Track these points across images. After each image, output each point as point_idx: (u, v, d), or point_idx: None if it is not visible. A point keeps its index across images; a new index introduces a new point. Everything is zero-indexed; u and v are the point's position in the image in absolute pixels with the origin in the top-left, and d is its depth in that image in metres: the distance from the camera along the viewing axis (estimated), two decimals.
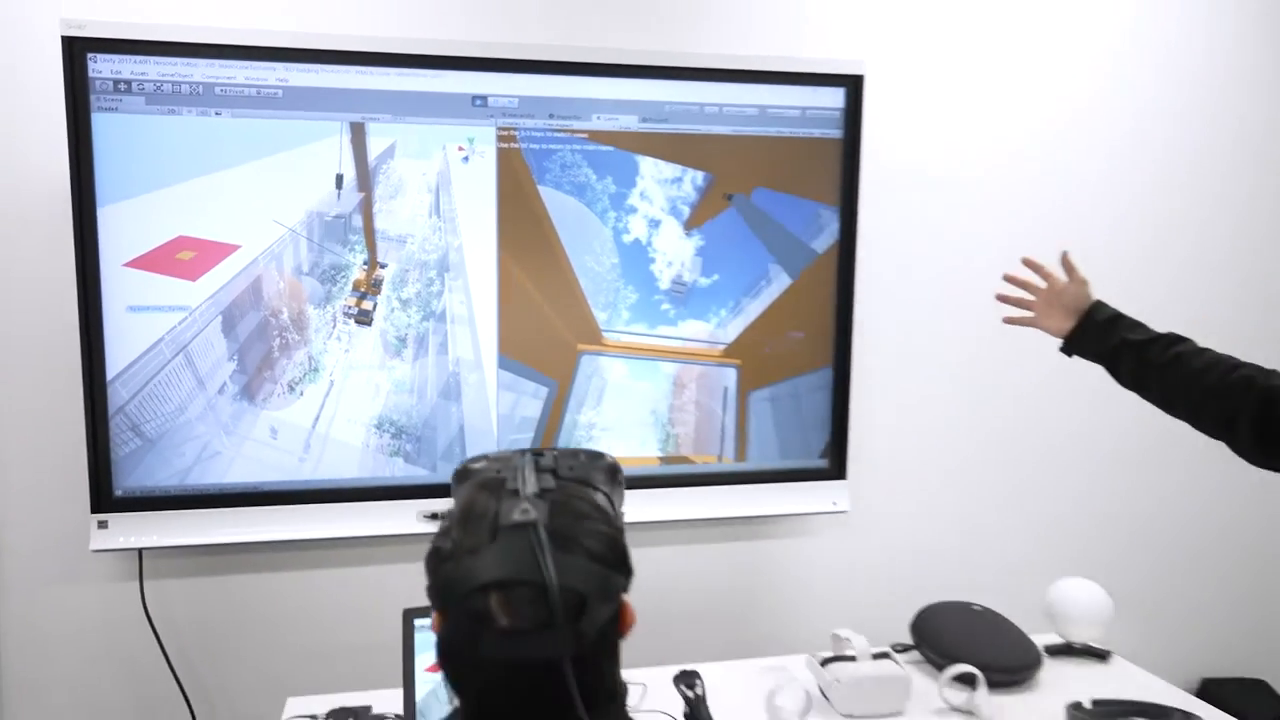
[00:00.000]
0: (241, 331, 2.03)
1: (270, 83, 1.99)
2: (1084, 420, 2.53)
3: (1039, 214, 2.47)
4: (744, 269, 2.28)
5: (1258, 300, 2.62)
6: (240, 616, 2.17)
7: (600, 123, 2.15)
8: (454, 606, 0.83)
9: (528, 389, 2.18)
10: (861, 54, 2.31)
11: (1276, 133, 2.61)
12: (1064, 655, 2.07)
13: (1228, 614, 2.64)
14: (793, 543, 2.42)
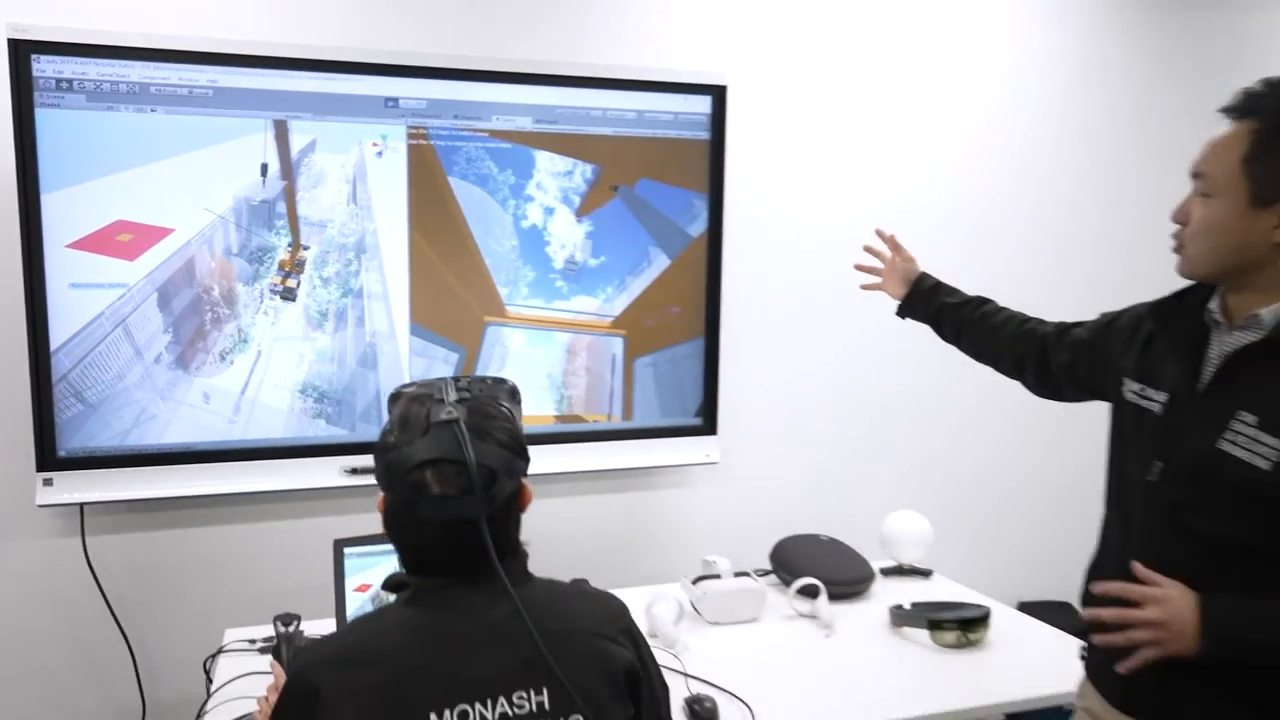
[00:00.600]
0: (176, 306, 2.26)
1: (201, 83, 2.22)
2: (918, 381, 2.95)
3: (881, 203, 2.87)
4: (628, 251, 2.60)
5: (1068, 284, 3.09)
6: (177, 566, 2.39)
7: (499, 123, 2.45)
8: (397, 482, 1.14)
9: (439, 354, 2.46)
10: (728, 65, 2.66)
11: (1118, 135, 3.08)
12: (894, 575, 2.48)
13: (1039, 545, 3.11)
14: (672, 491, 2.77)
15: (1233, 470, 1.28)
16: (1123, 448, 1.50)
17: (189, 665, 2.37)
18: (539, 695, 1.16)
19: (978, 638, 2.03)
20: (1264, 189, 1.26)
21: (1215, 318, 1.37)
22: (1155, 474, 1.37)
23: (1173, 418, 1.37)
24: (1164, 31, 3.14)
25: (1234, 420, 1.29)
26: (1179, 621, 1.26)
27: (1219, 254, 1.33)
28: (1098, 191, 3.14)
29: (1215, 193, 1.31)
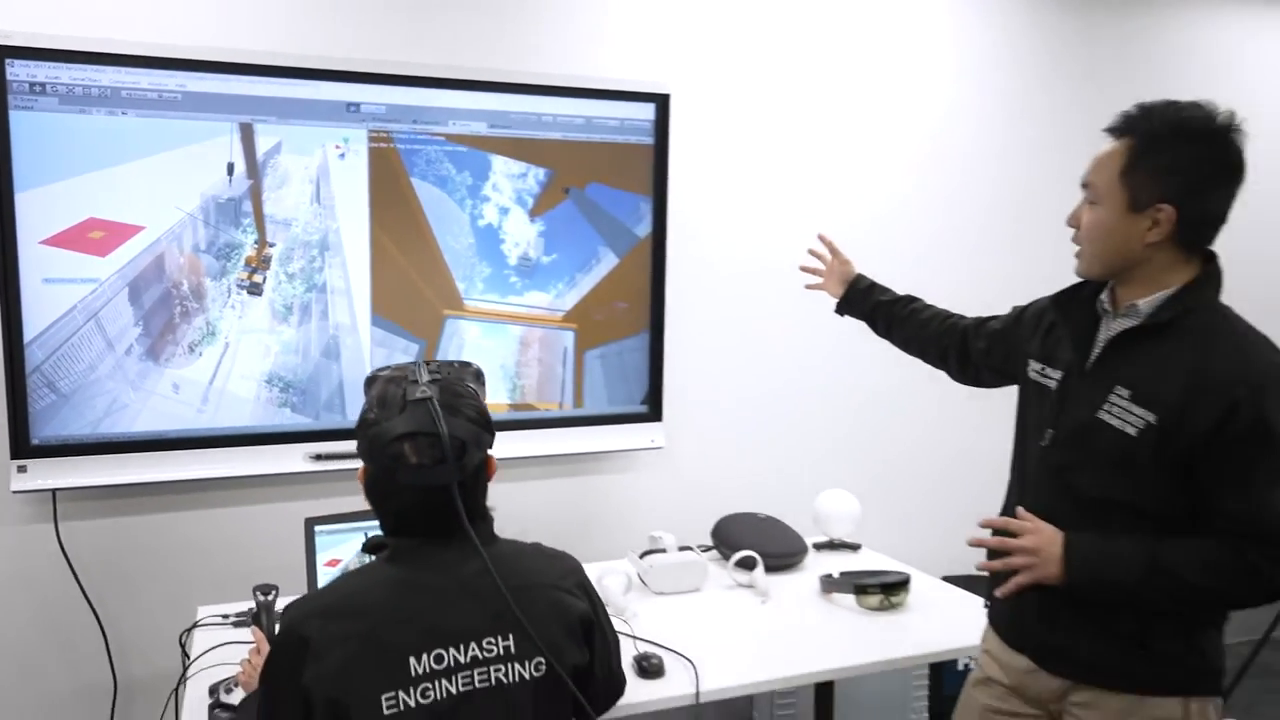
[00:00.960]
0: (146, 301, 2.37)
1: (170, 88, 2.33)
2: (847, 370, 3.15)
3: (816, 206, 3.06)
4: (579, 250, 2.76)
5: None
6: (148, 550, 2.50)
7: (455, 127, 2.59)
8: (378, 453, 1.29)
9: (399, 346, 2.60)
10: (672, 75, 2.82)
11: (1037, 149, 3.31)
12: (825, 549, 2.67)
13: (959, 522, 3.33)
14: (619, 475, 2.93)
15: (1108, 436, 1.47)
16: (1024, 421, 1.69)
17: (160, 644, 2.49)
18: (505, 641, 1.33)
19: (899, 600, 2.23)
20: (1138, 196, 1.45)
21: (1105, 307, 1.56)
22: (1047, 440, 1.57)
23: (1064, 392, 1.57)
24: (1091, 43, 3.39)
25: (1111, 394, 1.48)
26: (1047, 552, 1.47)
27: (1106, 254, 1.51)
28: (1022, 193, 3.37)
29: (1100, 200, 1.49)
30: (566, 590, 1.42)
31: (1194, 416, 1.40)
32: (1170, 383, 1.42)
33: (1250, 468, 1.38)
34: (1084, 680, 1.54)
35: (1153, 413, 1.43)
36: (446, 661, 1.29)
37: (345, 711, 1.24)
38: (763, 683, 1.93)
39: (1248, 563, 1.39)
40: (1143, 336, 1.48)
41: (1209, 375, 1.40)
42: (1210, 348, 1.43)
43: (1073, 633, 1.53)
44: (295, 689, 1.25)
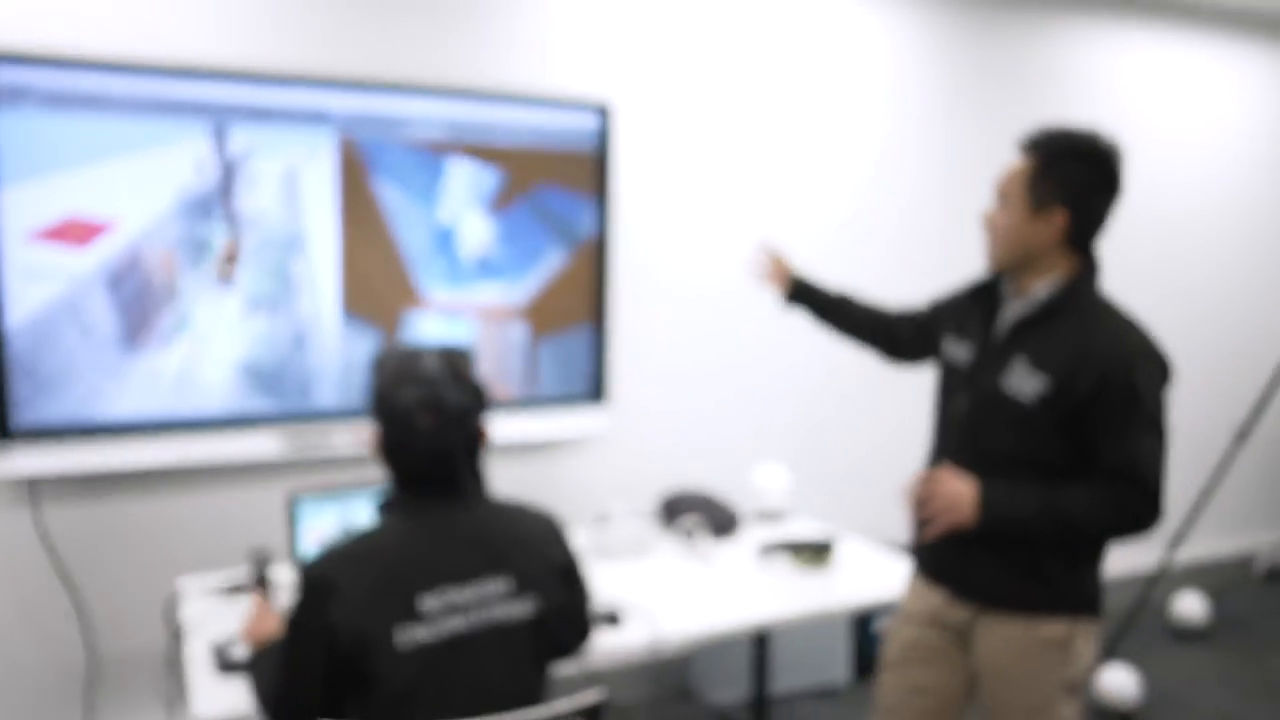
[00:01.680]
0: (124, 293, 2.49)
1: (147, 92, 2.46)
2: (779, 353, 3.43)
3: (751, 205, 3.33)
4: (530, 248, 2.96)
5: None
6: (124, 532, 2.61)
7: (416, 133, 2.77)
8: (394, 419, 1.49)
9: (364, 337, 2.77)
10: (616, 86, 3.05)
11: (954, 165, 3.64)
12: (761, 518, 2.94)
13: (885, 490, 3.64)
14: (570, 458, 3.15)
15: (1011, 402, 1.76)
16: (941, 393, 1.96)
17: (137, 623, 2.62)
18: (502, 582, 1.54)
19: (826, 560, 2.51)
20: (1039, 203, 1.75)
21: (1009, 294, 1.85)
22: (963, 408, 1.86)
23: (974, 366, 1.85)
24: (998, 61, 3.74)
25: (1013, 365, 1.77)
26: (964, 499, 1.74)
27: (1012, 249, 1.80)
28: (944, 196, 3.70)
29: (1010, 205, 1.79)
30: (550, 541, 1.64)
31: (1077, 383, 1.69)
32: (1059, 356, 1.72)
33: (1122, 425, 1.68)
34: (990, 606, 1.82)
35: (1045, 381, 1.72)
36: (452, 600, 1.50)
37: (367, 643, 1.44)
38: (709, 631, 2.18)
39: (1121, 500, 1.69)
40: (1039, 319, 1.78)
41: (1089, 350, 1.70)
42: (1090, 328, 1.73)
43: (982, 567, 1.81)
44: (322, 625, 1.44)
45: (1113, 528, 1.73)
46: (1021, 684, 1.81)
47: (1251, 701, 3.36)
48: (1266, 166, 4.47)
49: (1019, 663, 1.81)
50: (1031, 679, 1.80)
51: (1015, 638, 1.80)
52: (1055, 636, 1.78)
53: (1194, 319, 4.26)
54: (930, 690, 1.93)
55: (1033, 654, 1.79)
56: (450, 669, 1.48)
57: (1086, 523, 1.72)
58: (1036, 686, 1.80)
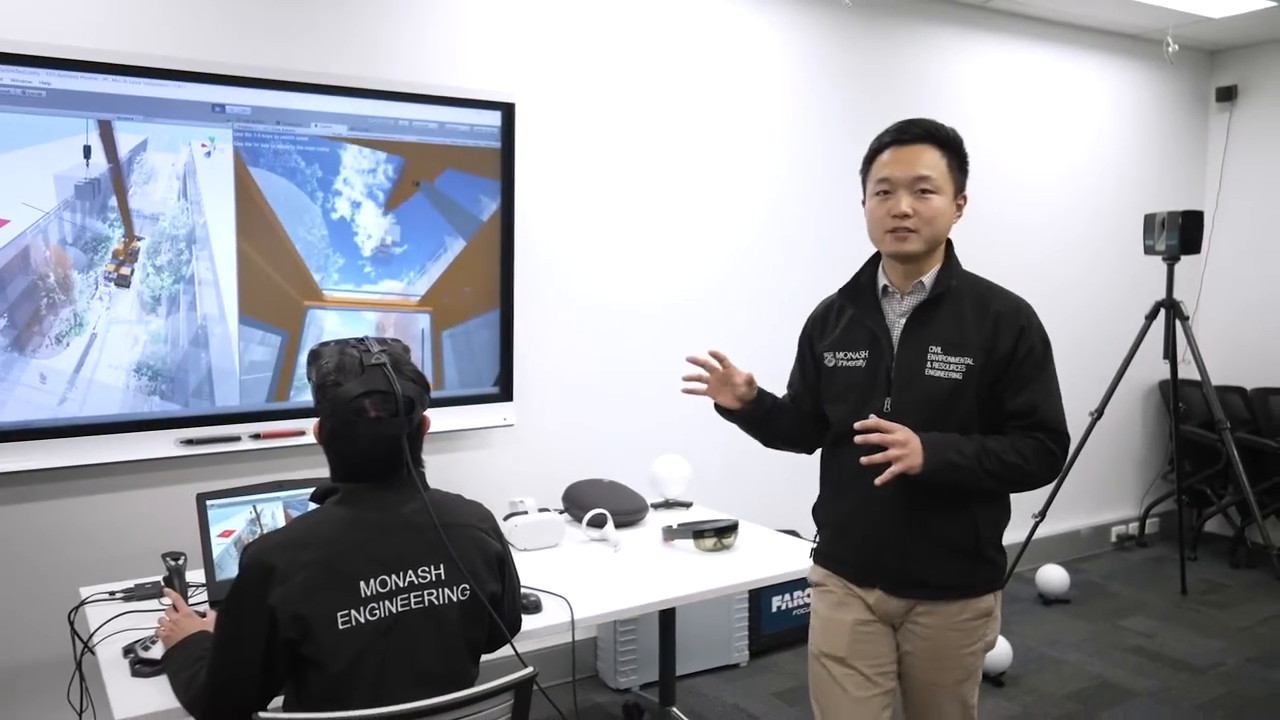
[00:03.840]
0: (11, 293, 2.41)
1: (34, 85, 2.38)
2: (678, 346, 3.54)
3: (650, 202, 3.44)
4: (428, 239, 2.98)
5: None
6: (19, 540, 2.52)
7: (318, 129, 2.76)
8: (340, 409, 1.52)
9: (263, 337, 2.74)
10: (519, 84, 3.11)
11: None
12: (663, 507, 3.05)
13: (781, 480, 3.82)
14: (476, 451, 3.19)
15: (938, 385, 1.80)
16: (841, 401, 1.91)
17: (34, 632, 2.53)
18: (437, 569, 1.59)
19: (729, 542, 2.64)
20: (956, 188, 1.84)
21: (888, 288, 1.89)
22: (888, 407, 1.83)
23: (884, 366, 1.84)
24: (872, 72, 3.95)
25: (928, 353, 1.81)
26: (913, 444, 1.72)
27: (938, 235, 1.83)
28: (819, 189, 3.89)
29: (940, 190, 1.81)
30: (485, 531, 1.70)
31: (999, 347, 1.79)
32: (972, 330, 1.81)
33: (1033, 379, 1.80)
34: (929, 598, 1.85)
35: (968, 357, 1.79)
36: (390, 585, 1.54)
37: (307, 625, 1.47)
38: (622, 610, 2.29)
39: (1046, 448, 1.79)
40: (931, 305, 1.84)
41: (1000, 316, 1.81)
42: (987, 299, 1.84)
43: (928, 562, 1.84)
44: (261, 609, 1.46)
45: (1037, 472, 1.80)
46: (954, 658, 1.88)
47: (1109, 657, 3.67)
48: (1114, 167, 4.87)
49: (954, 640, 1.87)
50: (964, 652, 1.88)
51: (947, 621, 1.86)
52: (984, 608, 1.88)
53: (1052, 311, 4.59)
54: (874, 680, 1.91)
55: (967, 629, 1.87)
56: (387, 651, 1.53)
57: (1014, 465, 1.77)
58: (966, 658, 1.89)
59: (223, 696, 1.55)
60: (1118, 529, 5.10)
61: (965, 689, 1.92)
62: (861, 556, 1.92)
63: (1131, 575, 4.66)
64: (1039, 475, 1.82)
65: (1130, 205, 4.82)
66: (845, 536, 1.95)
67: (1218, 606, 4.23)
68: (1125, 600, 4.32)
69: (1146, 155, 4.98)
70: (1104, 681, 3.46)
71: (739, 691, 3.36)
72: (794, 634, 3.70)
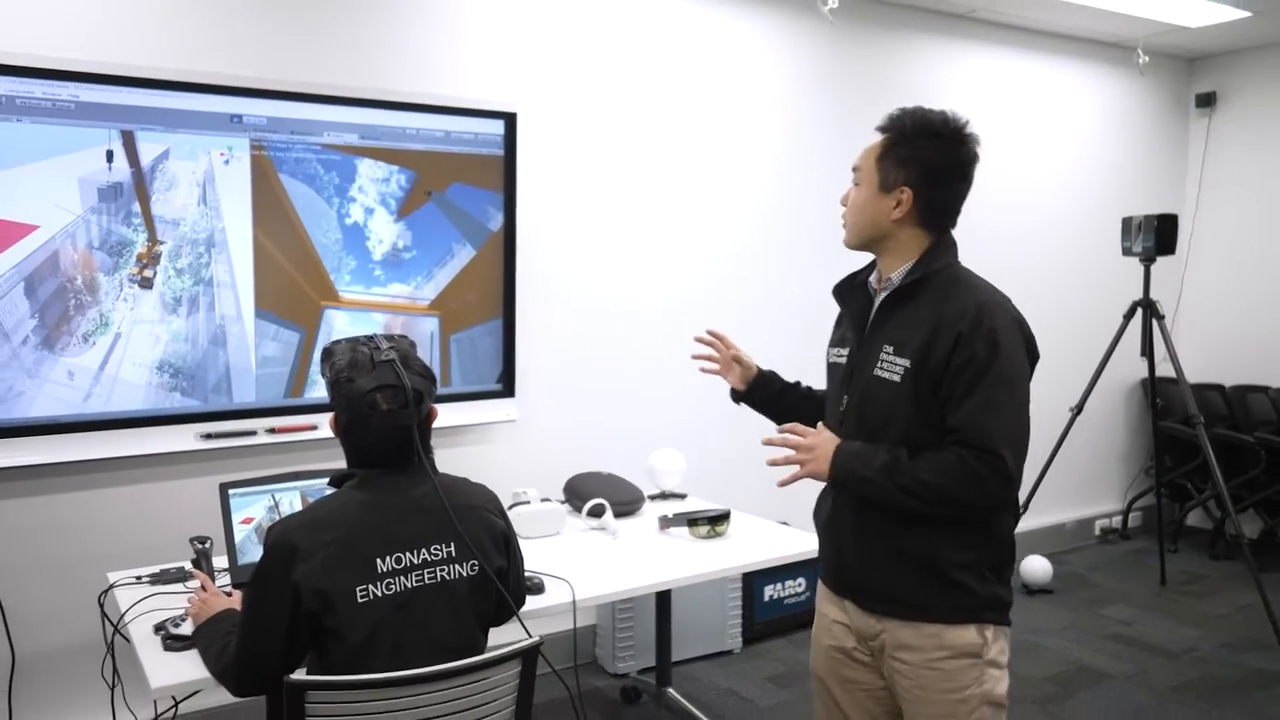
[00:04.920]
0: (42, 294, 2.54)
1: (64, 97, 2.52)
2: (675, 346, 3.68)
3: (648, 208, 3.58)
4: (438, 245, 3.13)
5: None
6: (48, 529, 2.65)
7: (330, 138, 2.90)
8: (355, 402, 1.66)
9: (282, 335, 2.88)
10: (521, 95, 3.25)
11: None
12: (659, 498, 3.19)
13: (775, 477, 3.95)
14: (480, 446, 3.33)
15: (883, 386, 1.72)
16: (830, 396, 1.93)
17: (64, 617, 2.67)
18: (447, 547, 1.73)
19: (722, 530, 2.78)
20: (886, 179, 1.73)
21: (874, 287, 1.83)
22: (844, 405, 1.82)
23: (851, 363, 1.83)
24: (865, 80, 4.10)
25: (881, 352, 1.74)
26: (820, 451, 1.73)
27: (861, 227, 1.78)
28: (813, 194, 4.03)
29: (862, 182, 1.77)
30: (491, 512, 1.84)
31: (933, 353, 1.66)
32: (917, 332, 1.69)
33: (968, 390, 1.64)
34: (893, 614, 1.75)
35: (907, 359, 1.69)
36: (404, 562, 1.68)
37: (328, 599, 1.61)
38: (620, 591, 2.43)
39: (969, 466, 1.61)
40: (897, 301, 1.76)
41: (943, 319, 1.67)
42: (946, 300, 1.70)
43: (883, 573, 1.75)
44: (286, 585, 1.60)
45: (962, 496, 1.64)
46: (938, 704, 1.73)
47: (1088, 643, 3.81)
48: (1098, 172, 5.01)
49: (931, 682, 1.72)
50: (951, 698, 1.72)
51: (922, 647, 1.72)
52: (965, 644, 1.71)
53: (1038, 312, 4.73)
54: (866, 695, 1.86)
55: (945, 670, 1.71)
56: (402, 623, 1.66)
57: (932, 485, 1.64)
58: (955, 705, 1.71)
59: (251, 666, 1.68)
60: (1101, 522, 5.24)
61: None
62: (833, 563, 1.89)
63: (1113, 566, 4.81)
64: (964, 498, 1.65)
65: (1114, 209, 4.96)
66: (823, 541, 1.92)
67: (1196, 596, 4.37)
68: (1106, 590, 4.47)
69: (1129, 160, 5.14)
70: (1082, 665, 3.61)
71: (733, 676, 3.50)
72: (786, 622, 3.84)
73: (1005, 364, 1.66)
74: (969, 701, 1.71)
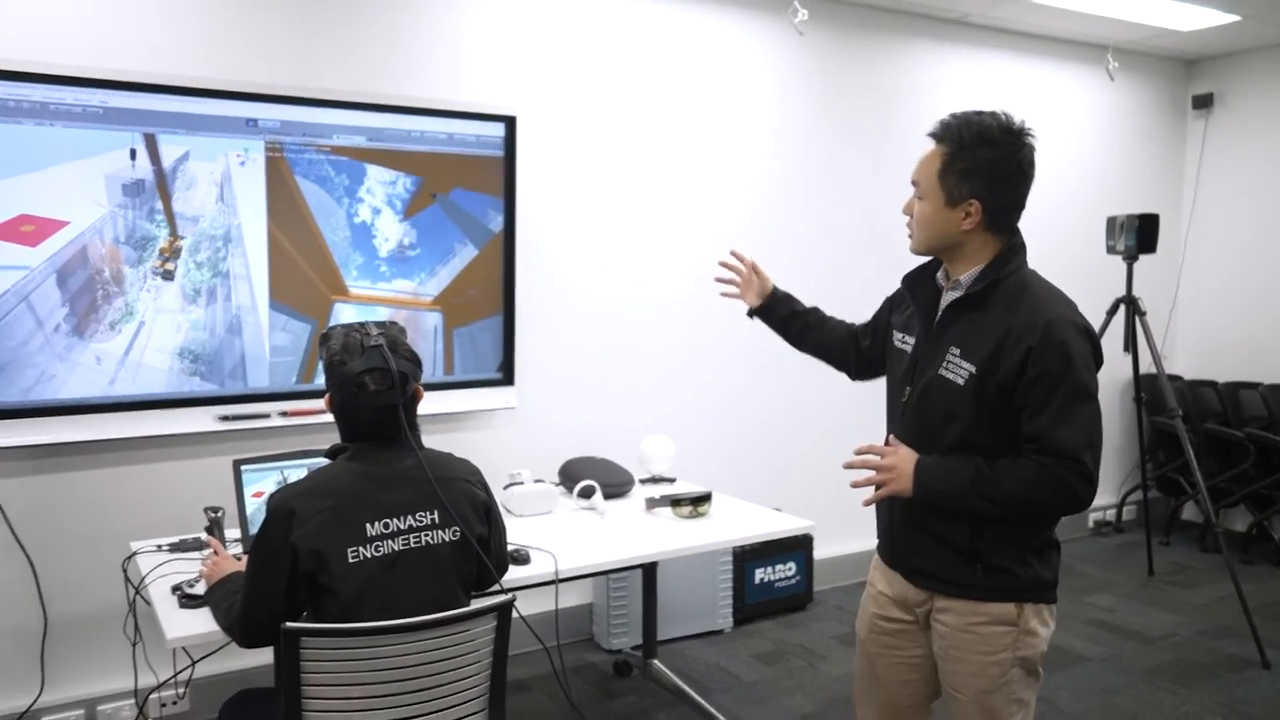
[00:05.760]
0: (72, 285, 2.75)
1: (93, 104, 2.73)
2: (669, 337, 3.87)
3: (644, 206, 3.75)
4: (442, 244, 3.31)
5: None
6: (76, 503, 2.87)
7: (339, 140, 3.10)
8: (346, 384, 1.85)
9: (292, 326, 3.08)
10: (519, 99, 3.43)
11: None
12: (649, 482, 3.36)
13: (763, 462, 4.12)
14: (480, 431, 3.51)
15: (946, 387, 1.79)
16: (889, 380, 2.02)
17: (90, 582, 2.88)
18: (431, 514, 1.91)
19: (704, 510, 2.94)
20: (952, 194, 1.78)
21: (941, 282, 1.90)
22: (907, 395, 1.90)
23: (916, 355, 1.90)
24: (866, 82, 4.24)
25: (947, 353, 1.80)
26: (902, 469, 1.81)
27: (931, 238, 1.84)
28: (810, 194, 4.18)
29: (924, 196, 1.82)
30: (473, 483, 2.02)
31: (1001, 363, 1.72)
32: (984, 339, 1.75)
33: (1044, 402, 1.70)
34: (939, 590, 1.87)
35: (973, 365, 1.76)
36: (391, 527, 1.86)
37: (323, 559, 1.79)
38: (605, 563, 2.60)
39: (1051, 474, 1.69)
40: (966, 305, 1.81)
41: (1011, 330, 1.73)
42: (1013, 310, 1.76)
43: (929, 555, 1.88)
44: (284, 546, 1.79)
45: (1045, 502, 1.73)
46: (974, 664, 1.82)
47: (1068, 628, 3.94)
48: (1095, 172, 5.12)
49: (967, 644, 1.83)
50: (985, 660, 1.81)
51: (962, 621, 1.83)
52: (1002, 614, 1.80)
53: None
54: (902, 664, 1.98)
55: (981, 634, 1.81)
56: (390, 581, 1.84)
57: (1014, 494, 1.72)
58: (989, 667, 1.81)
59: (255, 619, 1.87)
60: (1095, 515, 5.35)
61: (993, 702, 1.83)
62: (886, 537, 2.00)
63: (1103, 558, 4.92)
64: (1049, 503, 1.75)
65: (1110, 209, 5.05)
66: (879, 515, 2.03)
67: (1181, 586, 4.49)
68: (1093, 579, 4.58)
69: (1126, 160, 5.24)
70: (1058, 647, 3.73)
71: (721, 653, 3.67)
72: (776, 604, 4.00)
73: (1077, 375, 1.72)
74: (1001, 664, 1.81)
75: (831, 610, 4.11)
